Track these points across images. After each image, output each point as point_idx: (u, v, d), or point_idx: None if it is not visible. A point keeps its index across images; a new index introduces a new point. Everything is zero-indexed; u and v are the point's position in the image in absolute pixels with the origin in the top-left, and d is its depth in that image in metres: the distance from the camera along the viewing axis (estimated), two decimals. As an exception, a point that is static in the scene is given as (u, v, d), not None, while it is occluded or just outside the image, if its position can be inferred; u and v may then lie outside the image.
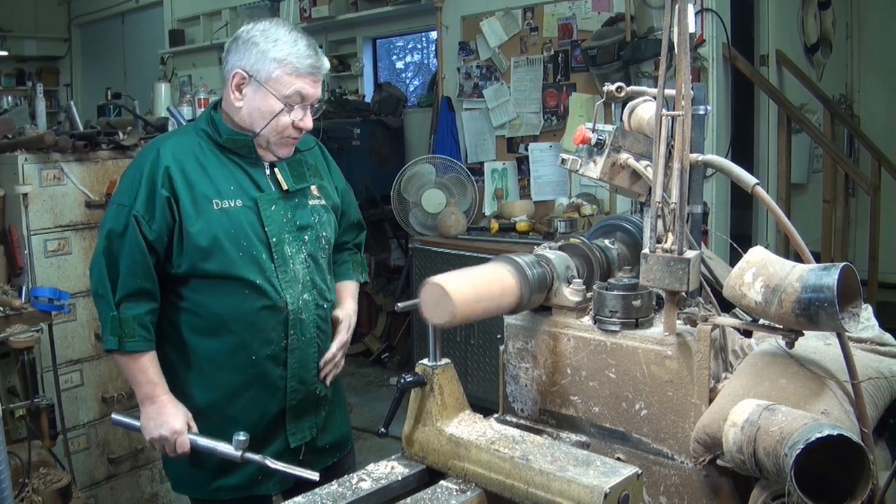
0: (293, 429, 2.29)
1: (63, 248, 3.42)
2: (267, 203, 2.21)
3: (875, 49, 6.17)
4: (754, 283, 1.36)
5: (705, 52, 4.63)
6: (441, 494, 1.46)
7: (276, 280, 2.19)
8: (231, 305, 2.17)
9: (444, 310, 1.42)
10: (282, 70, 2.13)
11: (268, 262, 2.18)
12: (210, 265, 2.14)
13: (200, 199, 2.15)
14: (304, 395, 2.29)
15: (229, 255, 2.14)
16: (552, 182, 5.44)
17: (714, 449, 1.40)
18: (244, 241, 2.16)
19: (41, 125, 3.93)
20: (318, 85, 2.20)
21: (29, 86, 9.25)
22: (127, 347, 2.14)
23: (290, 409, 2.28)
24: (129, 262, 2.12)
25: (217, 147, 2.23)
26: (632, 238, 1.83)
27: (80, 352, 3.52)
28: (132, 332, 2.14)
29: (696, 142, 1.50)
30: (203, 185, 2.16)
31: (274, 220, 2.20)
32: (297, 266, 2.23)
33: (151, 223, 2.12)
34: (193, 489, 2.33)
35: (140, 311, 2.15)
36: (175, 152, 2.18)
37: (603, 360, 1.57)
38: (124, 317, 2.13)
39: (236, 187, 2.19)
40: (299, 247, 2.25)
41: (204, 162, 2.19)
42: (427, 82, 7.09)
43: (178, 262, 2.16)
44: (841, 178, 5.05)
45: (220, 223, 2.14)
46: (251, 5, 7.50)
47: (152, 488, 3.82)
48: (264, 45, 2.14)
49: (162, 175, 2.14)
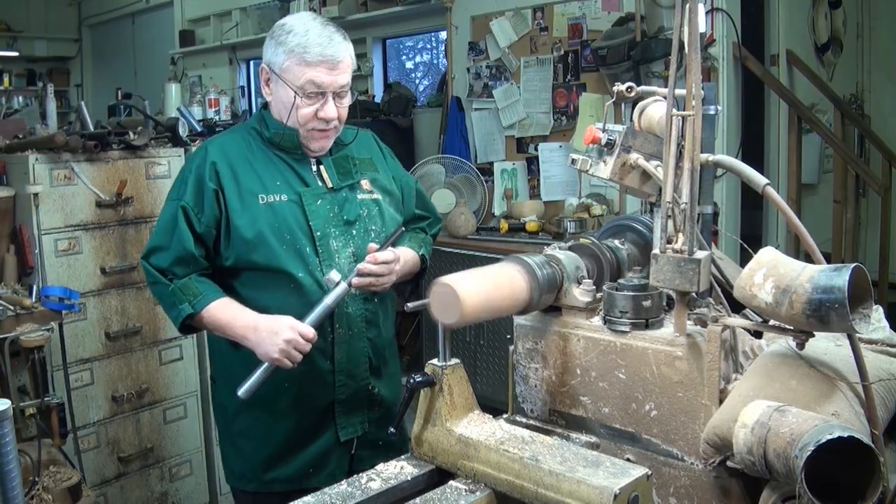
0: (343, 422, 2.31)
1: (73, 247, 3.43)
2: (312, 198, 2.24)
3: (886, 49, 6.13)
4: (765, 284, 1.35)
5: (716, 51, 4.62)
6: (450, 495, 1.46)
7: (319, 274, 2.20)
8: (277, 298, 2.21)
9: (454, 310, 1.42)
10: (291, 60, 2.16)
11: (312, 257, 2.21)
12: (256, 257, 2.19)
13: (246, 194, 2.21)
14: (353, 389, 2.30)
15: (273, 248, 2.18)
16: (562, 182, 5.43)
17: (724, 450, 1.40)
18: (288, 234, 2.20)
19: (52, 125, 3.95)
20: (335, 73, 2.18)
21: (40, 86, 9.30)
22: (199, 307, 2.19)
23: (340, 403, 2.30)
24: (178, 249, 2.20)
25: (265, 143, 2.29)
26: (642, 238, 1.83)
27: (91, 351, 3.54)
28: (195, 290, 2.20)
29: (706, 142, 1.50)
30: (249, 180, 2.22)
31: (319, 215, 2.24)
32: (343, 260, 2.24)
33: (200, 215, 2.20)
34: (247, 481, 2.37)
35: (193, 272, 2.23)
36: (223, 149, 2.27)
37: (613, 361, 1.57)
38: (181, 284, 2.21)
39: (282, 182, 2.24)
40: (346, 241, 2.27)
41: (251, 158, 2.26)
42: (437, 82, 7.09)
43: (226, 254, 2.23)
44: (851, 179, 5.04)
45: (265, 217, 2.19)
46: (261, 6, 7.52)
47: (161, 487, 3.84)
48: (280, 37, 2.18)
49: (209, 170, 2.22)
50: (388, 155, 2.54)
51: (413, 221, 2.57)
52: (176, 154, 3.78)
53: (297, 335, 2.11)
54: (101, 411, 3.59)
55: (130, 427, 3.71)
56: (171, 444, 3.87)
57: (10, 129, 3.86)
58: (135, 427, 3.73)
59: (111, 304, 3.59)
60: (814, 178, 5.58)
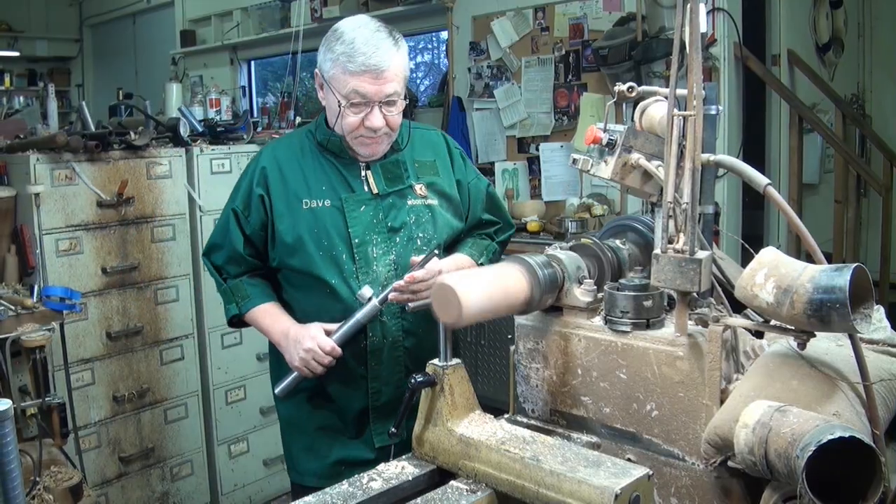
0: (378, 429, 2.30)
1: (74, 247, 3.43)
2: (355, 204, 2.24)
3: (887, 48, 6.13)
4: (766, 284, 1.35)
5: (717, 51, 4.61)
6: (451, 494, 1.46)
7: (354, 282, 2.21)
8: (316, 303, 2.25)
9: (454, 310, 1.42)
10: (336, 69, 2.15)
11: (348, 264, 2.22)
12: (294, 262, 2.24)
13: (292, 198, 2.25)
14: (389, 396, 2.29)
15: (310, 253, 2.21)
16: (563, 182, 5.42)
17: (725, 450, 1.40)
18: (325, 240, 2.21)
19: (53, 125, 3.95)
20: (379, 82, 2.13)
21: (40, 86, 9.30)
22: (244, 309, 2.30)
23: (374, 409, 2.30)
24: (230, 249, 2.32)
25: (318, 147, 2.31)
26: (643, 238, 1.82)
27: (92, 351, 3.54)
28: (244, 293, 2.31)
29: (707, 142, 1.50)
30: (297, 184, 2.26)
31: (360, 222, 2.23)
32: (381, 268, 2.23)
33: (249, 218, 2.29)
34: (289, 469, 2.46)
35: (244, 273, 2.35)
36: (276, 154, 2.32)
37: (614, 361, 1.57)
38: (233, 284, 2.34)
39: (328, 187, 2.25)
40: (387, 248, 2.25)
41: (303, 162, 2.29)
42: (438, 82, 7.08)
43: (272, 255, 2.30)
44: (853, 179, 5.04)
45: (305, 221, 2.22)
46: (262, 6, 7.51)
47: (163, 487, 3.84)
48: (330, 43, 2.17)
49: (259, 175, 2.28)
50: (459, 156, 2.47)
51: (480, 227, 2.52)
52: (177, 154, 3.79)
53: (316, 346, 2.14)
54: (102, 411, 3.60)
55: (131, 427, 3.71)
56: (172, 444, 3.87)
57: (12, 129, 3.86)
58: (136, 427, 3.73)
59: (112, 304, 3.60)
60: (815, 178, 5.58)
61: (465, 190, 2.44)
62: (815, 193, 5.56)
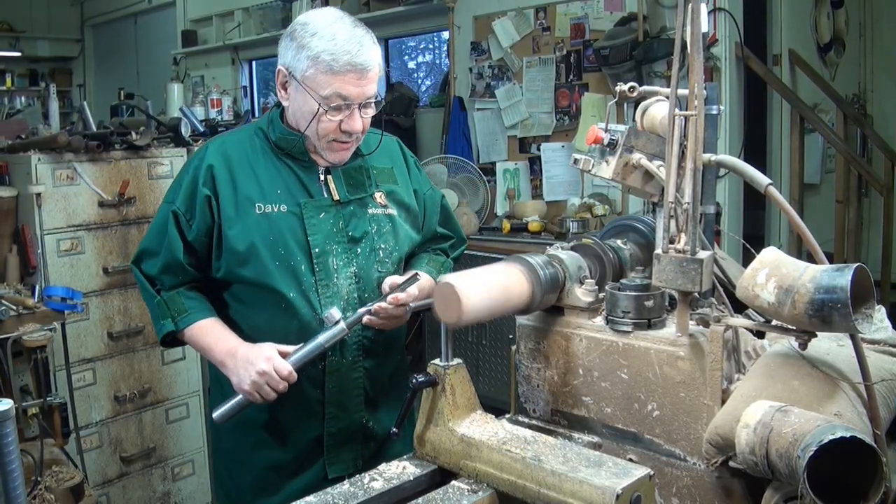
0: (333, 458, 2.12)
1: (76, 247, 3.44)
2: (314, 210, 2.04)
3: (888, 48, 6.13)
4: (767, 284, 1.35)
5: (718, 51, 4.62)
6: (452, 494, 1.46)
7: (313, 295, 2.01)
8: (267, 318, 2.03)
9: (455, 309, 1.42)
10: (316, 68, 1.93)
11: (307, 275, 2.01)
12: (245, 271, 2.01)
13: (243, 201, 2.01)
14: (345, 423, 2.10)
15: (265, 263, 1.99)
16: (564, 182, 5.43)
17: (726, 450, 1.40)
18: (282, 249, 2.00)
19: (54, 125, 3.96)
20: (363, 82, 1.96)
21: (42, 86, 9.29)
22: (181, 325, 2.05)
23: (330, 436, 2.10)
24: (166, 256, 2.06)
25: (271, 147, 2.08)
26: (644, 238, 1.82)
27: (93, 351, 3.54)
28: (181, 306, 2.05)
29: (708, 142, 1.50)
30: (248, 186, 2.03)
31: (320, 230, 2.03)
32: (342, 281, 2.04)
33: (191, 222, 2.03)
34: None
35: (181, 284, 2.08)
36: (224, 151, 2.07)
37: (615, 361, 1.57)
38: (168, 297, 2.07)
39: (283, 191, 2.04)
40: (348, 260, 2.05)
41: (254, 162, 2.06)
42: (439, 82, 7.08)
43: (216, 265, 2.05)
44: (854, 179, 5.04)
45: (259, 228, 2.00)
46: (263, 6, 7.51)
47: (164, 487, 3.84)
48: (302, 39, 1.95)
49: (205, 173, 2.03)
50: (414, 165, 2.30)
51: (434, 241, 2.33)
52: (178, 154, 3.79)
53: (272, 369, 1.90)
54: (103, 411, 3.60)
55: (133, 427, 3.72)
56: (173, 443, 3.87)
57: (13, 129, 3.86)
58: (137, 427, 3.73)
59: (113, 303, 3.60)
60: (816, 178, 5.58)
61: (422, 200, 2.26)
62: (816, 193, 5.57)
